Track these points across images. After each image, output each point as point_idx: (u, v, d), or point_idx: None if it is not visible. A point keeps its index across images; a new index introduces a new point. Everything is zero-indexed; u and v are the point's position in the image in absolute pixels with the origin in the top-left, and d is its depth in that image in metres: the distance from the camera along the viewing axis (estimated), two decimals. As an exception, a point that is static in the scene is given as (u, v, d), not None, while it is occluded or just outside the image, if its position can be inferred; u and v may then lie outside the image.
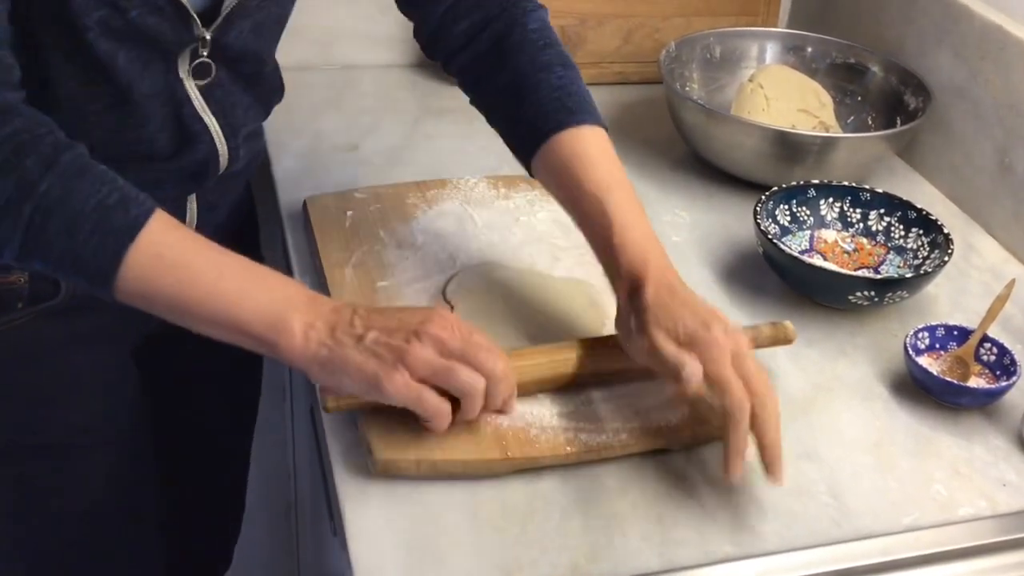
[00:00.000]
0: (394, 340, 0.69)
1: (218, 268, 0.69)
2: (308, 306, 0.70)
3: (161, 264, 0.68)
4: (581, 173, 0.81)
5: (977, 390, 0.83)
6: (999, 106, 1.08)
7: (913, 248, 0.99)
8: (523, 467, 0.74)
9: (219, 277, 0.69)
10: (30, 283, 0.82)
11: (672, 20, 1.35)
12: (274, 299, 0.70)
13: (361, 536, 0.69)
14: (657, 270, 0.77)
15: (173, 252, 0.69)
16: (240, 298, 0.69)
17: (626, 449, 0.76)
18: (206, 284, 0.69)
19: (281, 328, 0.69)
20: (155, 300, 0.69)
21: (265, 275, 0.71)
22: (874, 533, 0.73)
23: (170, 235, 0.69)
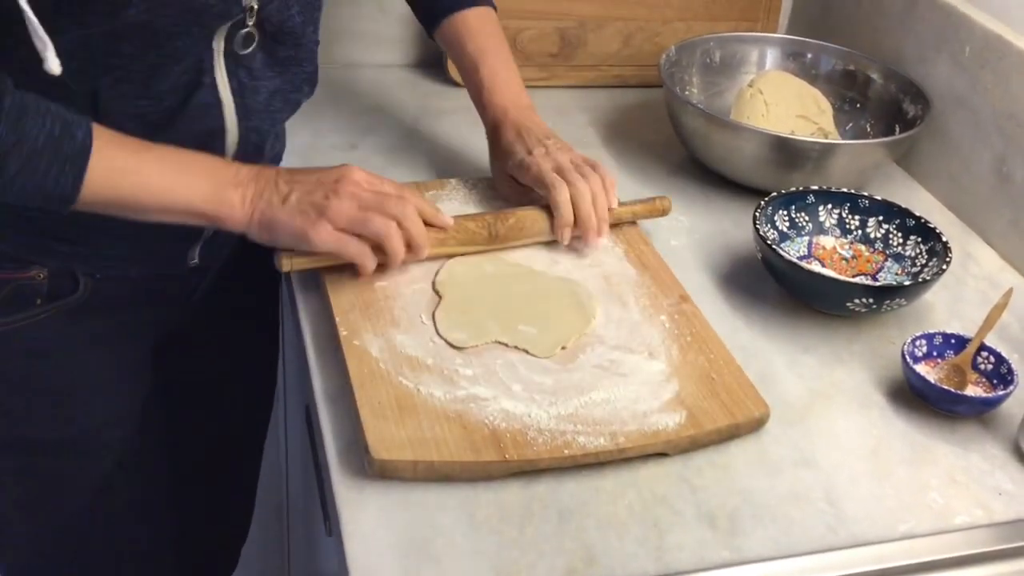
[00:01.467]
0: (315, 197, 0.80)
1: (161, 165, 0.77)
2: (240, 178, 0.80)
3: (114, 175, 0.75)
4: (464, 44, 1.01)
5: (974, 398, 0.83)
6: (998, 115, 1.08)
7: (911, 256, 0.99)
8: (520, 469, 0.74)
9: (163, 174, 0.77)
10: (49, 279, 0.83)
11: (672, 24, 1.35)
12: (215, 181, 0.79)
13: (357, 537, 0.69)
14: (514, 118, 0.97)
15: (121, 162, 0.75)
16: (188, 188, 0.78)
17: (623, 453, 0.76)
18: (156, 183, 0.77)
19: (224, 203, 0.79)
20: (111, 206, 0.76)
21: (200, 161, 0.80)
22: (870, 540, 0.73)
23: (114, 147, 0.75)
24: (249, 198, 0.80)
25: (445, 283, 0.89)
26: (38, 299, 0.84)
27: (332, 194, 0.81)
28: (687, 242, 1.05)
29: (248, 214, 0.80)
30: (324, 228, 0.80)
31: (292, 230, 0.80)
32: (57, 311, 0.85)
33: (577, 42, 1.33)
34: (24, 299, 0.84)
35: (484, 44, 1.00)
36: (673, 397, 0.80)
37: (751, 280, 0.99)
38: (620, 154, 1.21)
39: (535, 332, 0.85)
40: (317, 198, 0.80)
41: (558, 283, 0.92)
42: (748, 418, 0.79)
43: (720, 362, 0.84)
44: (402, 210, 0.83)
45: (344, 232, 0.81)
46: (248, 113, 0.85)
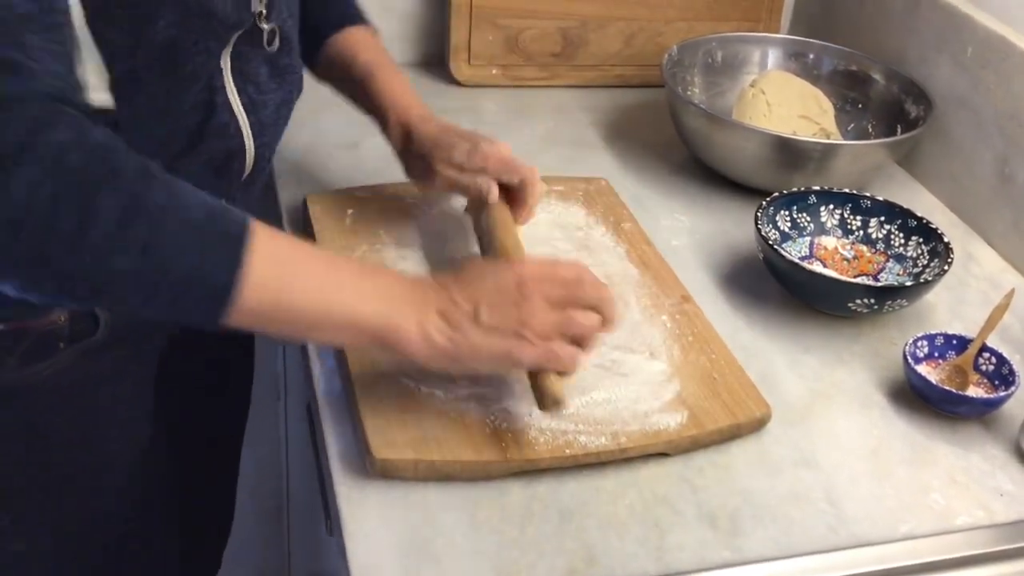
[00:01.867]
0: (507, 311, 0.70)
1: (327, 264, 0.68)
2: (410, 297, 0.70)
3: (279, 270, 0.64)
4: (355, 55, 0.97)
5: (975, 399, 0.83)
6: (1000, 116, 1.08)
7: (913, 256, 0.99)
8: (522, 469, 0.74)
9: (333, 280, 0.67)
10: (70, 321, 0.78)
11: (674, 24, 1.35)
12: (389, 296, 0.69)
13: (358, 536, 0.69)
14: (419, 118, 0.94)
15: (288, 258, 0.66)
16: (354, 291, 0.68)
17: (625, 453, 0.76)
18: (322, 289, 0.66)
19: (398, 328, 0.68)
20: (272, 313, 0.65)
21: (371, 267, 0.75)
22: (871, 541, 0.73)
23: (279, 240, 0.66)
24: (433, 325, 0.69)
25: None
26: (61, 343, 0.78)
27: (523, 301, 0.70)
28: (688, 242, 1.05)
29: (431, 345, 0.69)
30: (528, 345, 0.70)
31: (494, 354, 0.70)
32: (80, 352, 0.80)
33: (579, 42, 1.33)
34: (48, 346, 0.78)
35: (371, 57, 0.97)
36: (674, 397, 0.80)
37: (752, 280, 0.99)
38: (622, 154, 1.21)
39: None
40: (510, 312, 0.70)
41: None
42: (749, 418, 0.79)
43: (721, 362, 0.84)
44: (597, 295, 0.74)
45: (546, 340, 0.71)
46: (261, 129, 0.83)
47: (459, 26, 1.28)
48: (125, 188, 0.59)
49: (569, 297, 0.72)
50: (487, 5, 1.28)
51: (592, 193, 1.06)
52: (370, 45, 0.99)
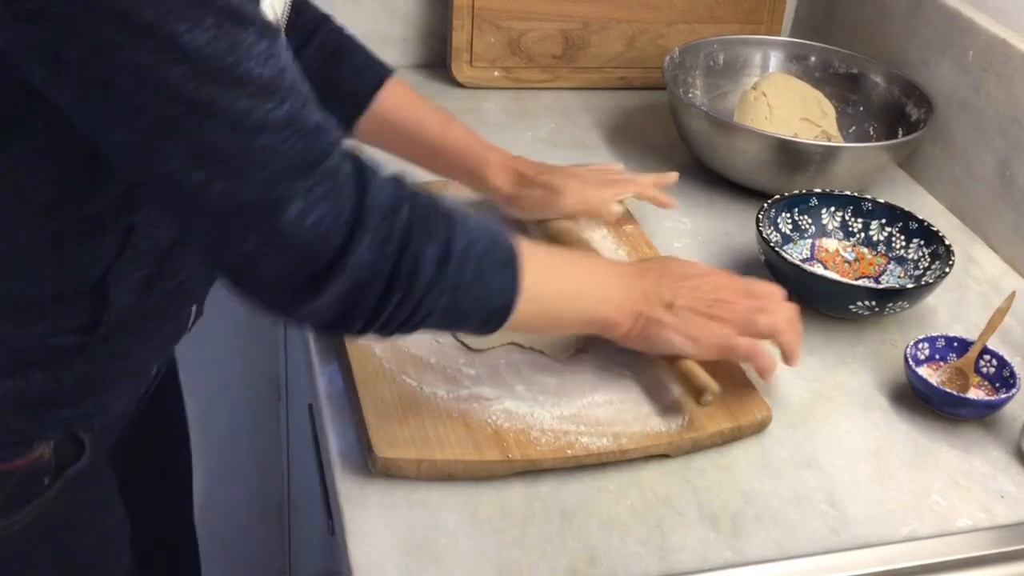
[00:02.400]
0: (701, 299, 0.78)
1: (579, 273, 0.76)
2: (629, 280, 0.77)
3: (543, 282, 0.71)
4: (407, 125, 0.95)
5: (976, 401, 0.83)
6: (1001, 119, 1.08)
7: (914, 259, 0.99)
8: (523, 469, 0.74)
9: (582, 282, 0.76)
10: (55, 453, 0.74)
11: (676, 26, 1.35)
12: (617, 283, 0.77)
13: (360, 536, 0.69)
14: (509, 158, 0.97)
15: (548, 268, 0.73)
16: (598, 290, 0.76)
17: (626, 454, 0.76)
18: (573, 292, 0.75)
19: (620, 309, 0.76)
20: (535, 319, 0.72)
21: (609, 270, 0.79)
22: (872, 542, 0.73)
23: (536, 251, 0.72)
24: (636, 303, 0.76)
25: None
26: (46, 479, 0.74)
27: (717, 292, 0.79)
28: (690, 244, 1.05)
29: (631, 321, 0.76)
30: (714, 328, 0.77)
31: (682, 335, 0.77)
32: (63, 485, 0.75)
33: (581, 44, 1.33)
34: (32, 484, 0.73)
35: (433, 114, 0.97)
36: (676, 399, 0.80)
37: (754, 282, 0.99)
38: (624, 156, 1.21)
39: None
40: (704, 300, 0.78)
41: None
42: (750, 420, 0.80)
43: (723, 364, 0.84)
44: (789, 314, 0.81)
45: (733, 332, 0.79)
46: None
47: (461, 28, 1.29)
48: (439, 235, 0.64)
49: (758, 306, 0.80)
50: (489, 7, 1.28)
51: (594, 194, 1.06)
52: (414, 100, 0.96)
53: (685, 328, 0.77)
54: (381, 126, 0.94)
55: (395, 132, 0.95)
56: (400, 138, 0.95)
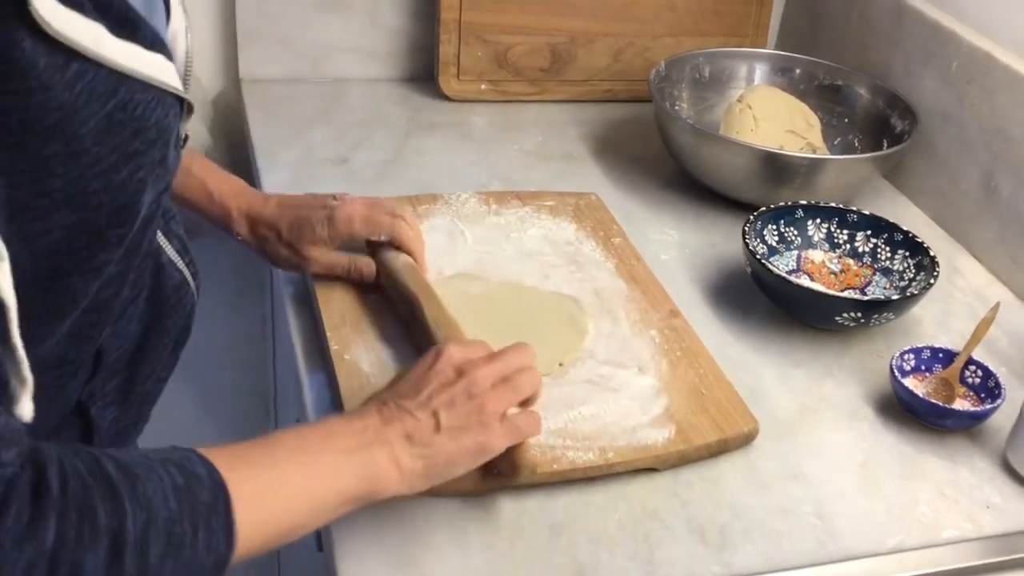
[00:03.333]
0: (463, 405, 0.67)
1: (295, 463, 0.63)
2: (375, 432, 0.65)
3: (261, 501, 0.60)
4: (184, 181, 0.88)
5: (962, 412, 0.84)
6: (984, 130, 1.09)
7: (899, 270, 0.99)
8: (511, 484, 0.74)
9: (304, 470, 0.63)
10: None
11: (662, 40, 1.36)
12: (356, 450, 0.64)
13: (348, 552, 0.69)
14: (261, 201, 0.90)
15: (259, 480, 0.60)
16: (328, 473, 0.63)
17: (612, 468, 0.76)
18: (302, 488, 0.62)
19: (378, 475, 0.65)
20: (270, 538, 0.61)
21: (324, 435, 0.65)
22: (859, 554, 0.73)
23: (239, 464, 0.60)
24: (405, 454, 0.65)
25: None
26: None
27: (471, 387, 0.68)
28: (677, 256, 1.05)
29: (411, 474, 0.65)
30: (495, 430, 0.68)
31: (469, 453, 0.67)
32: None
33: (568, 57, 1.34)
34: None
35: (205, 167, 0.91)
36: (662, 412, 0.80)
37: (741, 294, 0.99)
38: (610, 168, 1.21)
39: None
40: (465, 404, 0.67)
41: (549, 298, 0.92)
42: (737, 433, 0.80)
43: (710, 377, 0.84)
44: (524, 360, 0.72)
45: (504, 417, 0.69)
46: (196, 268, 0.78)
47: (448, 41, 1.29)
48: (103, 531, 0.52)
49: (503, 365, 0.70)
50: (476, 21, 1.29)
51: (582, 208, 1.07)
52: (196, 160, 0.91)
53: (468, 439, 0.67)
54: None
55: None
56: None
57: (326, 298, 0.88)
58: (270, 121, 1.23)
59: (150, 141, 0.58)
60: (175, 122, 0.62)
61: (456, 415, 0.67)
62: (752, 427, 0.80)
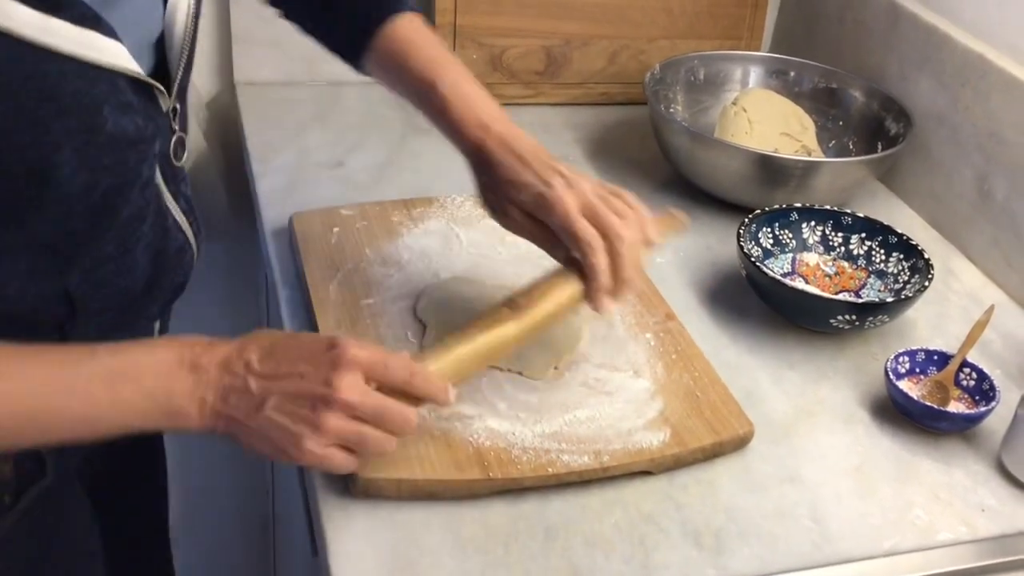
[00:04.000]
0: (300, 409, 0.64)
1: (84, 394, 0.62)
2: (191, 376, 0.64)
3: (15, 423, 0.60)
4: (408, 57, 0.81)
5: (957, 415, 0.84)
6: (979, 133, 1.09)
7: (894, 272, 0.99)
8: (505, 488, 0.74)
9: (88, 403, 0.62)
10: (15, 471, 0.72)
11: (657, 42, 1.36)
12: (156, 390, 0.63)
13: (342, 556, 0.69)
14: (501, 135, 0.78)
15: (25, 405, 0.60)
16: (120, 410, 0.62)
17: (607, 471, 0.76)
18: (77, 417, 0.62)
19: (176, 414, 0.64)
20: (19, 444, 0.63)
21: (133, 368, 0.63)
22: (855, 557, 0.73)
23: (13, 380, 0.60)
24: (210, 404, 0.64)
25: (427, 310, 0.89)
26: (6, 497, 0.71)
27: (322, 407, 0.64)
28: (672, 259, 1.05)
29: (211, 424, 0.65)
30: (310, 445, 0.64)
31: (269, 445, 0.65)
32: (26, 505, 0.73)
33: (563, 60, 1.34)
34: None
35: (433, 54, 0.81)
36: (657, 415, 0.80)
37: (736, 297, 0.99)
38: (605, 171, 1.22)
39: (527, 353, 0.85)
40: (303, 411, 0.64)
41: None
42: (732, 436, 0.80)
43: (705, 380, 0.84)
44: (403, 426, 0.68)
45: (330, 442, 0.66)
46: (200, 226, 0.79)
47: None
48: None
49: (376, 416, 0.66)
50: (471, 24, 1.29)
51: (576, 211, 1.06)
52: (422, 38, 0.82)
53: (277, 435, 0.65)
54: (387, 63, 0.83)
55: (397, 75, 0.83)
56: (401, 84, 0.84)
57: (321, 301, 0.88)
58: (265, 124, 1.23)
59: (63, 109, 0.59)
60: (108, 94, 0.62)
61: (283, 409, 0.64)
62: (747, 430, 0.80)
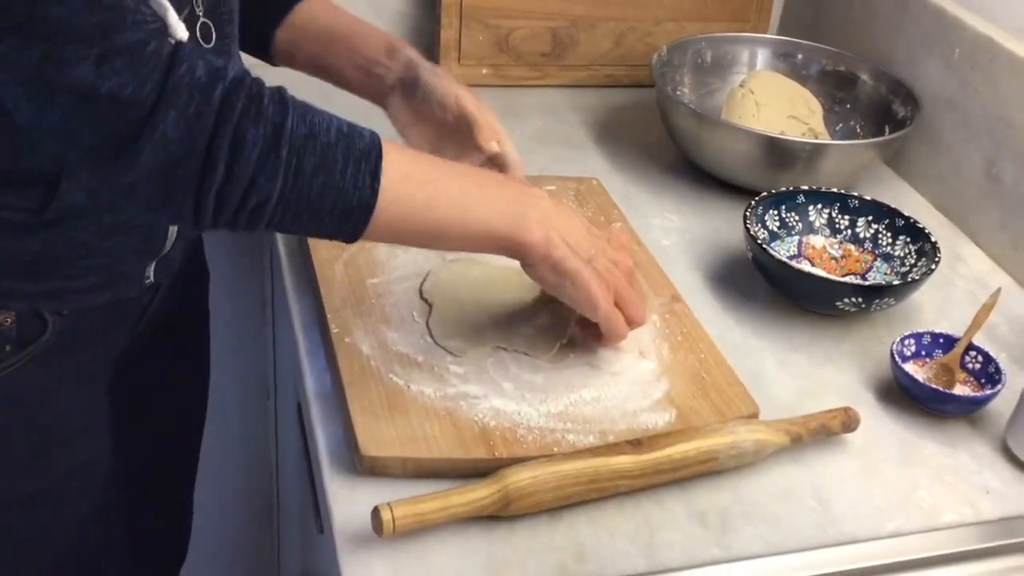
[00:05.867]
0: (591, 249, 0.76)
1: (457, 180, 0.72)
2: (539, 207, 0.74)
3: (410, 182, 0.69)
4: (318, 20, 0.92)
5: (962, 397, 0.84)
6: (987, 117, 1.09)
7: (900, 256, 0.99)
8: (510, 466, 0.74)
9: (461, 185, 0.72)
10: (17, 323, 0.77)
11: (664, 24, 1.36)
12: (513, 198, 0.74)
13: (348, 534, 0.69)
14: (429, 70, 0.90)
15: (417, 169, 0.70)
16: (488, 203, 0.73)
17: (614, 451, 0.76)
18: (454, 195, 0.71)
19: (521, 226, 0.73)
20: (407, 225, 0.70)
21: (496, 179, 0.76)
22: (859, 538, 0.73)
23: (405, 152, 0.70)
24: (547, 232, 0.74)
25: (433, 291, 0.89)
26: (7, 346, 0.77)
27: (601, 253, 0.78)
28: (678, 241, 1.05)
29: (551, 252, 0.74)
30: (604, 292, 0.76)
31: (588, 293, 0.76)
32: (27, 357, 0.79)
33: (569, 42, 1.33)
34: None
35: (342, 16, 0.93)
36: (663, 396, 0.80)
37: (742, 279, 0.99)
38: (612, 154, 1.21)
39: (533, 333, 0.85)
40: (613, 277, 0.78)
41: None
42: (737, 417, 0.80)
43: (710, 361, 0.84)
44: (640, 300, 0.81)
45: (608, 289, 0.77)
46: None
47: (449, 25, 1.29)
48: (267, 118, 0.63)
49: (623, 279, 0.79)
50: (477, 5, 1.28)
51: (583, 193, 1.06)
52: (328, 8, 0.94)
53: (598, 283, 0.76)
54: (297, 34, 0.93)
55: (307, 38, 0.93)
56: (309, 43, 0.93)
57: (327, 281, 0.88)
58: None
59: None
60: None
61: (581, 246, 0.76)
62: (752, 411, 0.80)
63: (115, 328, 0.88)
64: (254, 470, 1.54)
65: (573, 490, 0.71)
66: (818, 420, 0.80)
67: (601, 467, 0.71)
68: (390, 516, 0.65)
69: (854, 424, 0.81)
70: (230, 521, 1.59)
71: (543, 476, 0.70)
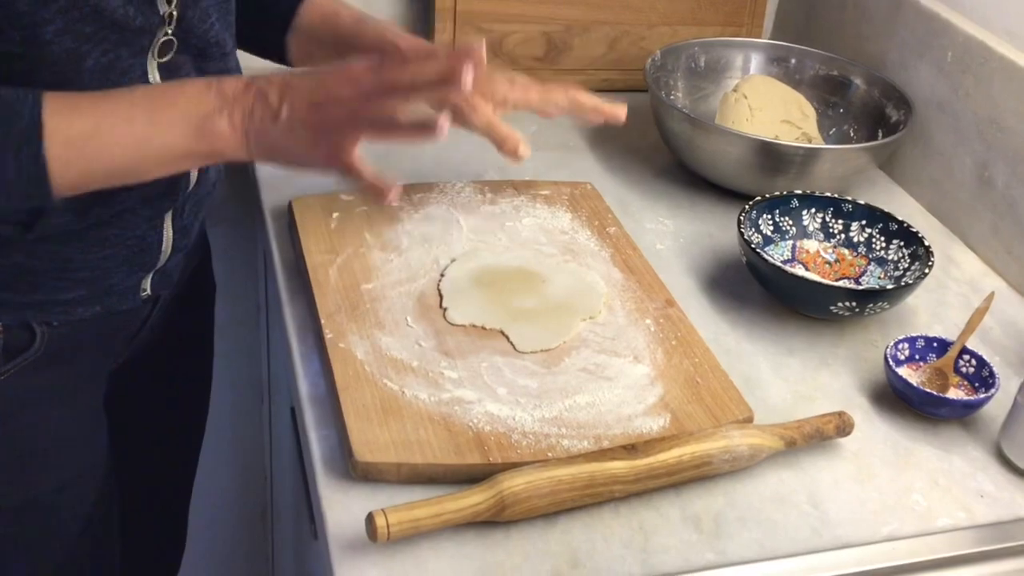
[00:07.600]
0: (311, 102, 0.69)
1: (128, 115, 0.69)
2: (226, 98, 0.69)
3: (77, 145, 0.67)
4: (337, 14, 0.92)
5: (956, 401, 0.84)
6: (980, 120, 1.09)
7: (894, 260, 0.99)
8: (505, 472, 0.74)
9: (132, 124, 0.68)
10: (4, 335, 0.77)
11: (658, 28, 1.36)
12: (195, 113, 0.69)
13: (342, 539, 0.69)
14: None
15: (79, 127, 0.67)
16: (164, 132, 0.69)
17: (608, 456, 0.76)
18: (125, 138, 0.68)
19: (212, 134, 0.69)
20: (94, 178, 0.69)
21: (173, 94, 0.71)
22: (853, 543, 0.73)
23: (65, 112, 0.67)
24: (238, 120, 0.69)
25: (448, 282, 0.90)
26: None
27: (329, 88, 0.69)
28: (672, 245, 1.05)
29: (241, 140, 0.69)
30: (325, 145, 0.69)
31: (291, 154, 0.71)
32: (15, 369, 0.79)
33: (563, 46, 1.33)
34: None
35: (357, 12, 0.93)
36: (657, 401, 0.80)
37: (736, 284, 0.99)
38: (606, 157, 1.21)
39: (526, 332, 0.85)
40: (314, 101, 0.69)
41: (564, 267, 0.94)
42: (731, 422, 0.80)
43: (705, 366, 0.84)
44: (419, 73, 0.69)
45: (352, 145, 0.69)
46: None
47: (443, 30, 1.29)
48: None
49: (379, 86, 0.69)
50: (471, 9, 1.28)
51: (577, 197, 1.07)
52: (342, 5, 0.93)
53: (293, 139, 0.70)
54: (309, 40, 0.93)
55: (319, 43, 0.92)
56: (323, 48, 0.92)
57: (321, 286, 0.88)
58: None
59: None
60: None
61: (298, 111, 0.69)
62: (747, 415, 0.81)
63: (111, 340, 0.87)
64: (248, 475, 1.53)
65: (568, 495, 0.71)
66: (812, 424, 0.80)
67: (596, 472, 0.71)
68: (384, 522, 0.65)
69: (848, 428, 0.81)
70: (224, 526, 1.59)
71: (538, 481, 0.70)
